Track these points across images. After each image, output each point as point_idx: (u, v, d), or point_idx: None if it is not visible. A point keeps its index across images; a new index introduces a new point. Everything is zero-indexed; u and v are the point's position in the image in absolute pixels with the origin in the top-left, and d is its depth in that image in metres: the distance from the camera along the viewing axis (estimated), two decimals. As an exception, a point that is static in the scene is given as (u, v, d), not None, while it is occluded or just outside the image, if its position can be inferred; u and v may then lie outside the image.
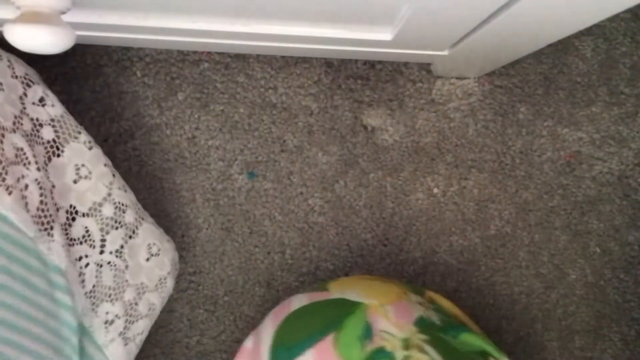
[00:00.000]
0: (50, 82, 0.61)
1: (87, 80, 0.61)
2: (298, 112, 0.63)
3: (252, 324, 0.63)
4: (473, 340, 0.46)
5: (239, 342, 0.63)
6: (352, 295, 0.48)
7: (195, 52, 0.62)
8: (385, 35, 0.51)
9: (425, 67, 0.64)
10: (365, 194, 0.64)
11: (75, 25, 0.49)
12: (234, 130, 0.63)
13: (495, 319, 0.66)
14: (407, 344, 0.43)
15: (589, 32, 0.66)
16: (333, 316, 0.46)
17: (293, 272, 0.64)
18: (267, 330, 0.48)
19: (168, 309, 0.63)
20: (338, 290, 0.49)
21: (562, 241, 0.66)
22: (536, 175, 0.65)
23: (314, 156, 0.63)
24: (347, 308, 0.46)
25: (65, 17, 0.46)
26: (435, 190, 0.65)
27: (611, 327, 0.66)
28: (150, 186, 0.62)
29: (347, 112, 0.64)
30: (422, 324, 0.45)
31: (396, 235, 0.64)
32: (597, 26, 0.66)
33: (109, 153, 0.62)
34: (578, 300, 0.66)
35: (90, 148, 0.47)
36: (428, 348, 0.43)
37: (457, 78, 0.64)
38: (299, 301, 0.49)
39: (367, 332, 0.44)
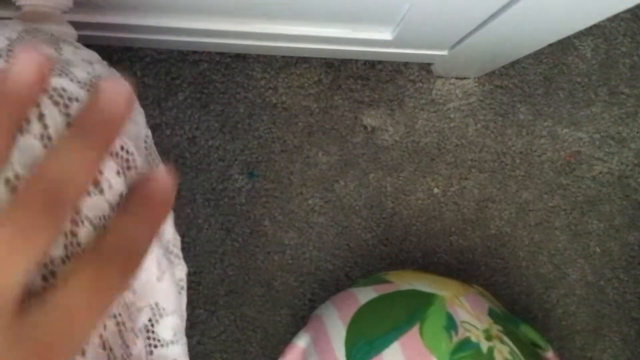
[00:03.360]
0: (50, 82, 0.61)
1: (87, 80, 0.61)
2: (298, 112, 0.63)
3: (252, 324, 0.63)
4: (528, 331, 0.48)
5: (239, 342, 0.63)
6: (421, 287, 0.48)
7: (195, 52, 0.62)
8: (386, 34, 0.51)
9: (425, 67, 0.64)
10: (365, 194, 0.64)
11: (75, 25, 0.49)
12: (234, 130, 0.63)
13: (495, 319, 0.66)
14: (488, 335, 0.44)
15: (589, 32, 0.66)
16: (412, 307, 0.46)
17: (293, 272, 0.64)
18: (336, 324, 0.48)
19: (168, 309, 0.63)
20: (404, 282, 0.49)
21: (562, 241, 0.66)
22: (536, 175, 0.65)
23: (314, 156, 0.63)
24: (423, 299, 0.47)
25: (66, 17, 0.46)
26: (435, 190, 0.65)
27: (611, 327, 0.66)
28: (150, 186, 0.62)
29: (347, 112, 0.64)
30: (494, 315, 0.47)
31: (396, 235, 0.64)
32: (597, 26, 0.66)
33: (109, 153, 0.62)
34: (578, 300, 0.66)
35: None
36: (506, 339, 0.45)
37: (457, 78, 0.64)
38: (365, 294, 0.49)
39: (451, 323, 0.44)
